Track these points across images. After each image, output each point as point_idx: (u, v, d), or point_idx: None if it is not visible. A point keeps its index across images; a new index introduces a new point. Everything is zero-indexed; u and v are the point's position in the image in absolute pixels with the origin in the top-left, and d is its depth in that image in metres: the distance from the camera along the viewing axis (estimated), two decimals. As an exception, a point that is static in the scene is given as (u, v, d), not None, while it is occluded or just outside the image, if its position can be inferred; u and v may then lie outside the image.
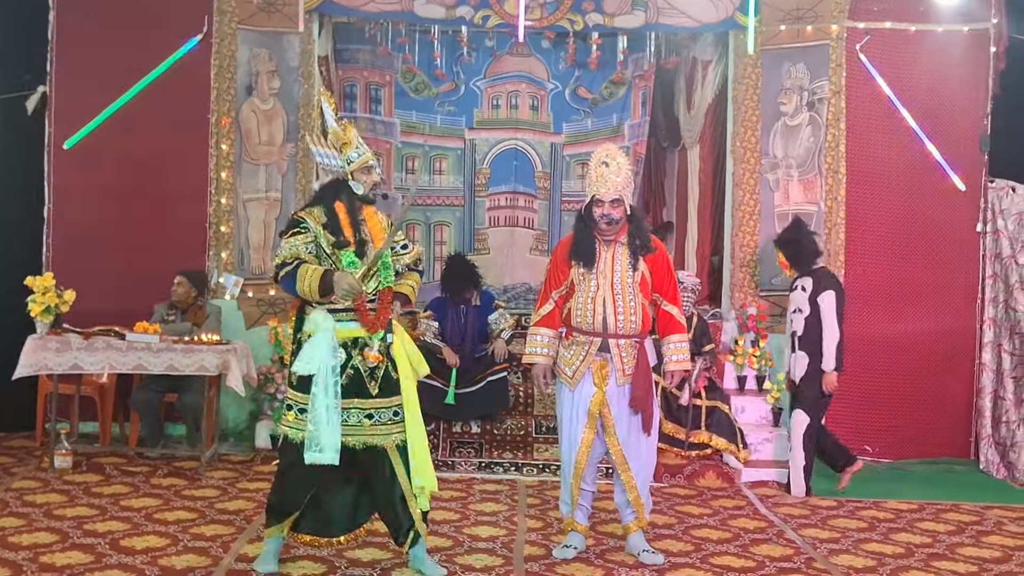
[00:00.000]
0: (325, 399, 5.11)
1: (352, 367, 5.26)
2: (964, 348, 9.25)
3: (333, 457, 5.11)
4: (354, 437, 5.25)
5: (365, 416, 5.29)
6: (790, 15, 9.36)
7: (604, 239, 5.91)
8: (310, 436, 5.12)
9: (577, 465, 5.94)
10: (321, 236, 5.25)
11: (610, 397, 5.87)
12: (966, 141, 9.24)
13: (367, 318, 5.26)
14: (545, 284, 6.14)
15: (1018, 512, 7.73)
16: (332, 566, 5.57)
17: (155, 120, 9.04)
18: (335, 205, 5.34)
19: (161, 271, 8.72)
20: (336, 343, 5.20)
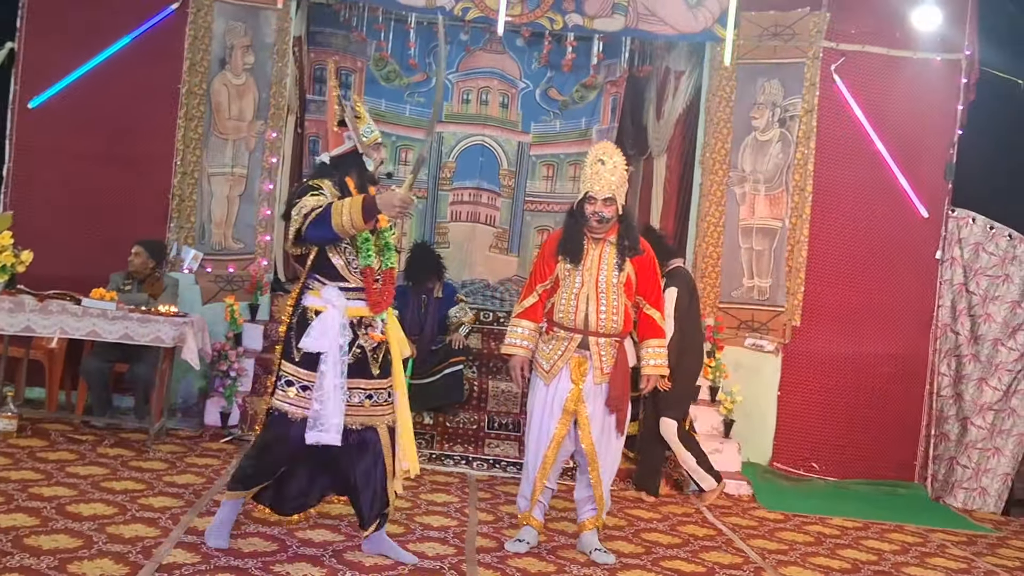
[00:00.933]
0: (334, 377, 5.03)
1: (359, 347, 5.19)
2: (916, 372, 9.35)
3: (335, 438, 5.03)
4: (353, 417, 5.18)
5: (366, 396, 5.23)
6: (768, 31, 9.43)
7: (593, 237, 5.89)
8: (314, 415, 5.03)
9: (545, 460, 5.91)
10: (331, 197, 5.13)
11: (586, 394, 5.84)
12: (931, 169, 9.36)
13: (375, 297, 5.19)
14: (531, 276, 6.11)
15: (959, 536, 7.84)
16: (283, 545, 5.50)
17: (124, 86, 8.93)
18: (346, 179, 5.26)
19: (120, 239, 8.59)
20: (345, 321, 5.12)
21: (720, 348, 9.23)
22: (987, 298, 9.18)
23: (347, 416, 5.12)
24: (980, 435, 9.09)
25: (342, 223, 4.90)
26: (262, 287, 9.23)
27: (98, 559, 4.91)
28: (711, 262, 9.51)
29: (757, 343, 9.37)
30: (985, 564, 7.00)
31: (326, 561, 5.31)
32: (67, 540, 5.14)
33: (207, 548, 5.26)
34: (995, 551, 7.49)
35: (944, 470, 9.19)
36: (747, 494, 8.34)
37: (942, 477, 9.19)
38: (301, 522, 5.69)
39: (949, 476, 9.14)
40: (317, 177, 5.28)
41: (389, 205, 4.93)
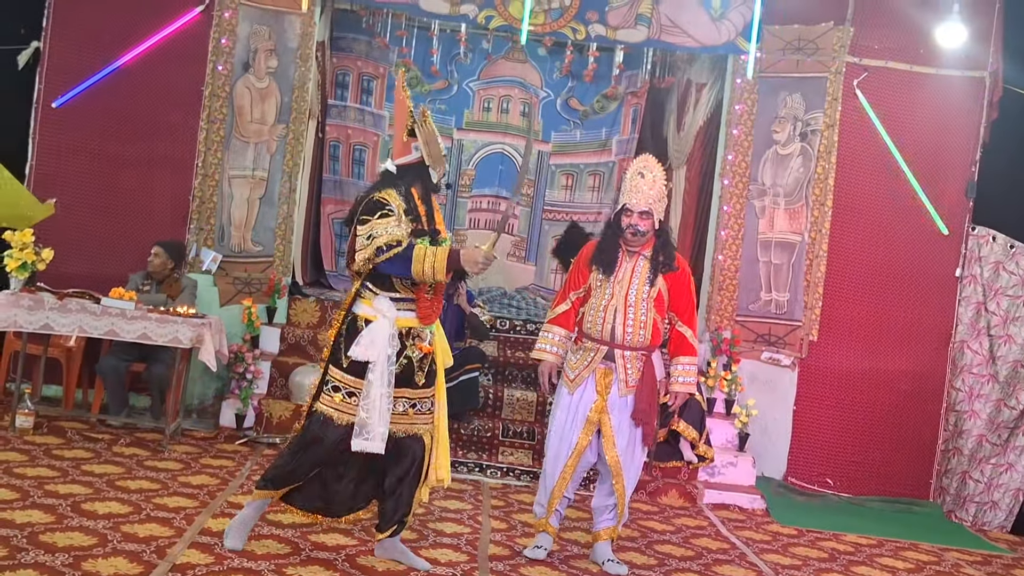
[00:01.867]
0: (381, 387, 5.04)
1: (406, 356, 5.18)
2: (933, 390, 9.30)
3: (380, 447, 5.04)
4: (398, 426, 5.17)
5: (410, 405, 5.23)
6: (791, 45, 9.41)
7: (628, 249, 5.88)
8: (360, 423, 5.04)
9: (565, 470, 5.90)
10: (402, 221, 5.11)
11: (611, 406, 5.83)
12: (953, 186, 9.32)
13: (425, 309, 5.18)
14: (565, 284, 6.13)
15: (973, 556, 7.79)
16: (296, 548, 5.50)
17: (148, 87, 8.97)
18: (411, 190, 5.24)
19: (140, 240, 8.69)
20: (395, 331, 5.11)
21: (736, 361, 9.20)
22: (1008, 319, 9.11)
23: (391, 424, 5.11)
24: (993, 451, 9.04)
25: (422, 271, 4.99)
26: (280, 290, 9.25)
27: (112, 557, 4.93)
28: (729, 275, 9.48)
29: (774, 357, 9.34)
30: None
31: (339, 565, 5.31)
32: (82, 538, 5.16)
33: (221, 549, 5.27)
34: (1010, 572, 7.44)
35: (956, 484, 9.13)
36: (761, 508, 8.31)
37: (954, 491, 9.13)
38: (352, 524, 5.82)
39: (961, 490, 9.09)
40: (383, 187, 5.22)
41: (472, 263, 5.04)
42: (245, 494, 6.49)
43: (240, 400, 8.37)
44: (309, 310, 9.54)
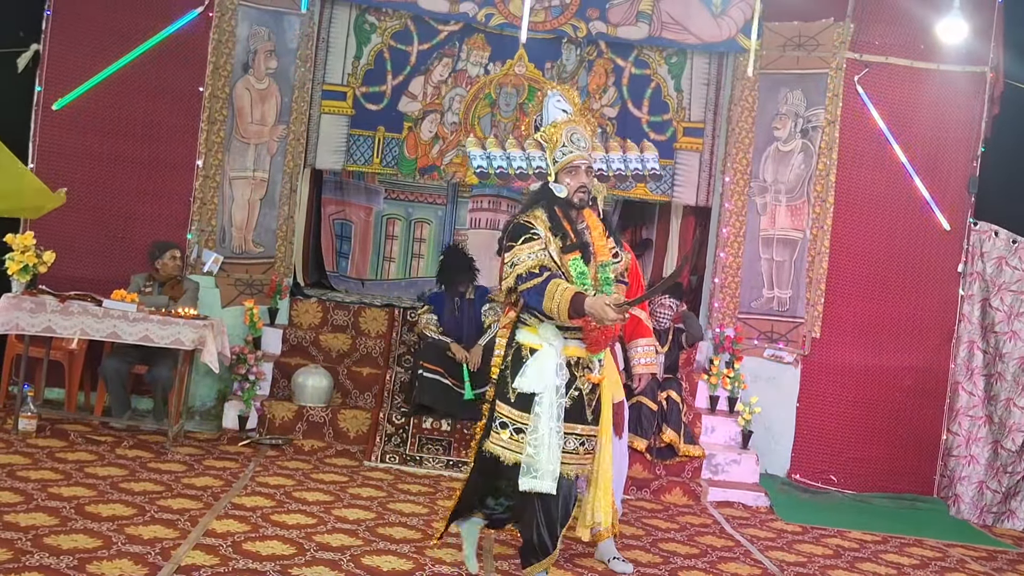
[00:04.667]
0: (549, 421, 4.75)
1: (576, 388, 4.90)
2: (936, 386, 9.28)
3: (550, 486, 4.75)
4: (568, 466, 4.87)
5: (579, 443, 4.91)
6: (791, 41, 9.40)
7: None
8: (527, 461, 4.76)
9: None
10: (550, 241, 4.87)
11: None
12: (954, 181, 9.30)
13: (591, 336, 4.86)
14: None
15: (979, 552, 7.77)
16: (301, 548, 5.50)
17: (148, 89, 8.95)
18: (555, 207, 4.98)
19: (141, 241, 8.71)
20: (562, 361, 4.84)
21: (739, 359, 9.19)
22: (1012, 314, 9.06)
23: (562, 464, 4.83)
24: (1009, 458, 8.96)
25: (551, 308, 4.70)
26: (281, 291, 9.25)
27: (117, 559, 4.92)
28: (731, 272, 9.47)
29: (776, 354, 9.33)
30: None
31: (344, 565, 5.30)
32: (86, 540, 5.15)
33: (226, 550, 5.26)
34: (1015, 567, 7.42)
35: (973, 493, 9.05)
36: (765, 506, 8.30)
37: (970, 500, 9.03)
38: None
39: (978, 500, 9.00)
40: (529, 207, 5.04)
41: (599, 315, 4.62)
42: (249, 495, 6.50)
43: (243, 402, 8.35)
44: (311, 311, 9.54)
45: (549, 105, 5.11)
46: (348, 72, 9.91)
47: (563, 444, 4.80)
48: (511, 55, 10.06)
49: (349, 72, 9.91)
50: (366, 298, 9.97)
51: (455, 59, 10.07)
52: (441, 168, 10.06)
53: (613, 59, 10.15)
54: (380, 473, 7.76)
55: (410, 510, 6.70)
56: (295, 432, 8.40)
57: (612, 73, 10.20)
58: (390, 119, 10.02)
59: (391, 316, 9.60)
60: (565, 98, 5.11)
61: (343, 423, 8.47)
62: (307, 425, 8.43)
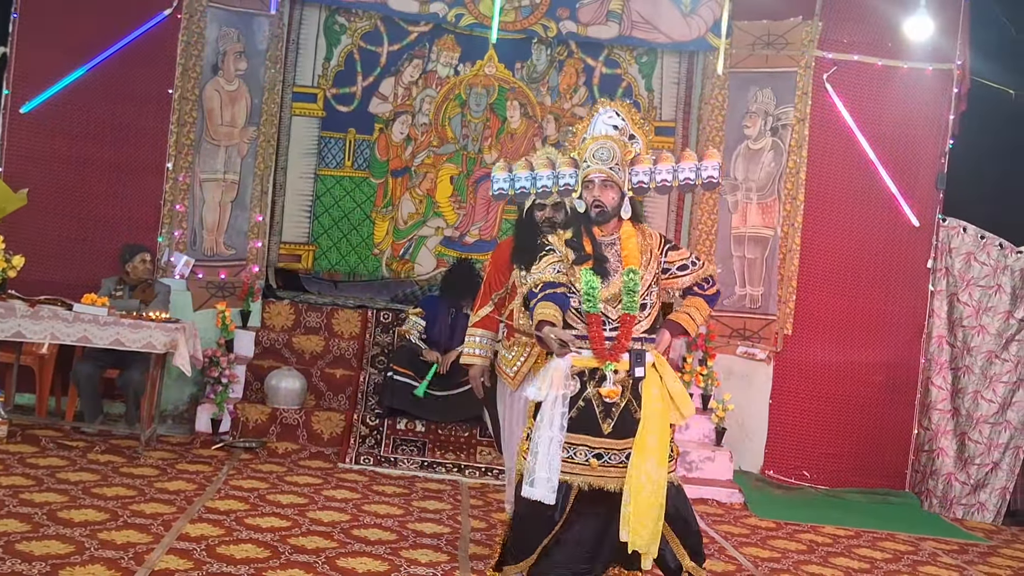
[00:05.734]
0: (549, 431, 4.65)
1: (584, 399, 4.78)
2: (907, 381, 9.34)
3: (546, 495, 4.63)
4: (580, 477, 4.72)
5: (593, 456, 4.77)
6: (760, 40, 9.45)
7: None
8: (527, 469, 4.70)
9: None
10: (567, 255, 4.84)
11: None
12: (923, 178, 9.37)
13: (598, 346, 4.74)
14: (484, 285, 6.10)
15: (950, 545, 7.84)
16: (276, 552, 5.48)
17: (117, 91, 8.89)
18: (579, 222, 4.94)
19: (111, 245, 8.66)
20: (570, 371, 4.73)
21: (712, 356, 9.23)
22: (980, 309, 9.16)
23: (570, 475, 4.72)
24: (977, 450, 9.05)
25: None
26: (254, 293, 9.22)
27: (90, 565, 4.89)
28: (703, 270, 9.49)
29: (749, 351, 9.38)
30: (977, 573, 7.01)
31: (319, 567, 5.29)
32: (59, 546, 5.11)
33: (200, 554, 5.24)
34: (986, 560, 7.49)
35: (943, 486, 9.12)
36: (739, 502, 8.33)
37: (940, 493, 9.10)
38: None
39: (948, 492, 9.08)
40: (566, 225, 5.03)
41: (546, 341, 4.62)
42: (222, 499, 6.47)
43: (215, 405, 8.32)
44: (283, 313, 9.52)
45: (598, 121, 5.07)
46: (318, 74, 9.91)
47: (571, 455, 4.72)
48: (481, 56, 10.08)
49: (319, 74, 9.91)
50: (339, 300, 9.95)
51: (425, 60, 10.08)
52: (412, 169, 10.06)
53: (583, 59, 10.19)
54: (354, 475, 7.74)
55: (385, 511, 6.70)
56: (269, 435, 8.38)
57: (583, 73, 10.25)
58: (361, 121, 10.02)
59: (364, 318, 9.59)
60: (620, 113, 5.05)
61: (317, 425, 8.45)
62: (281, 427, 8.41)
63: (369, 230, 10.11)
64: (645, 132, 5.04)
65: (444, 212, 10.26)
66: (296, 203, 9.97)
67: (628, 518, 4.60)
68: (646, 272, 4.79)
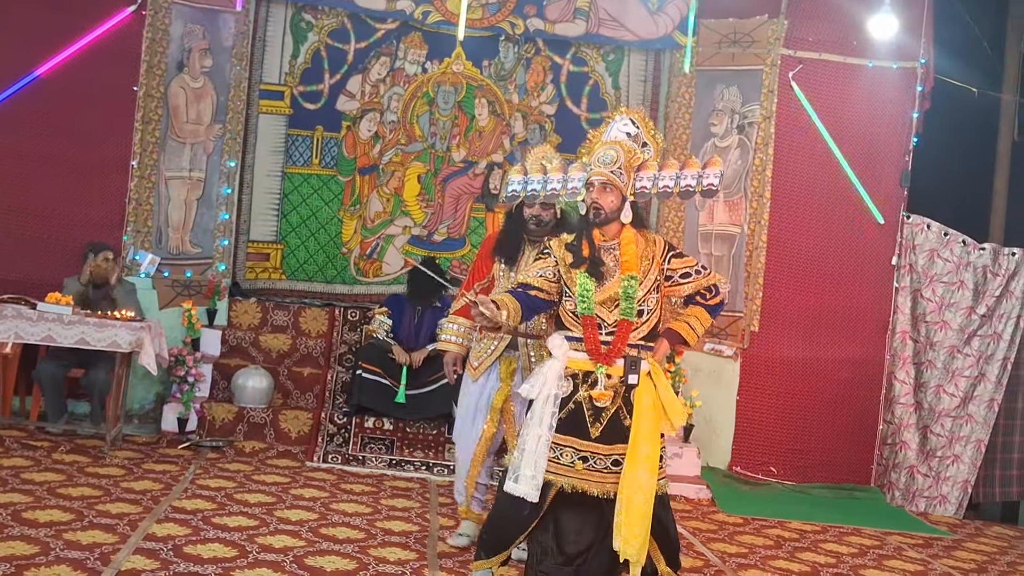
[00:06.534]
0: (538, 429, 4.67)
1: (575, 402, 4.76)
2: (872, 377, 9.42)
3: (528, 492, 4.64)
4: (563, 478, 4.70)
5: (579, 458, 4.73)
6: (727, 38, 9.49)
7: (531, 239, 5.90)
8: (512, 465, 4.72)
9: (475, 458, 5.96)
10: (564, 258, 4.82)
11: (514, 394, 5.87)
12: (888, 176, 9.45)
13: (592, 347, 4.70)
14: (469, 275, 6.18)
15: (915, 539, 7.91)
16: (243, 551, 5.45)
17: (80, 89, 8.80)
18: (581, 226, 4.91)
19: (76, 243, 8.58)
20: (562, 372, 4.73)
21: (680, 353, 9.25)
22: (943, 305, 9.27)
23: (555, 475, 4.70)
24: (939, 443, 9.16)
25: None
26: (220, 292, 9.17)
27: (55, 566, 4.85)
28: (670, 268, 9.52)
29: (716, 348, 9.42)
30: (941, 566, 7.07)
31: (287, 566, 5.27)
32: (23, 547, 5.06)
33: (167, 554, 5.20)
34: (951, 553, 7.56)
35: (905, 479, 9.22)
36: (706, 498, 8.38)
37: (903, 486, 9.21)
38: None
39: (910, 485, 9.19)
40: (571, 228, 5.03)
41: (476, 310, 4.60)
42: (189, 498, 6.43)
43: (182, 404, 8.27)
44: (250, 311, 9.47)
45: (613, 127, 5.06)
46: (285, 71, 9.86)
47: (557, 456, 4.71)
48: (448, 53, 10.07)
49: (286, 71, 9.86)
50: (306, 298, 9.91)
51: (393, 57, 10.05)
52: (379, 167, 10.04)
53: (551, 56, 10.20)
54: (322, 473, 7.72)
55: (353, 510, 6.68)
56: (236, 434, 8.34)
57: (550, 71, 10.25)
58: (328, 118, 9.99)
59: (332, 316, 9.55)
60: (636, 120, 5.01)
61: (284, 424, 8.42)
62: (248, 426, 8.38)
63: (337, 229, 10.07)
64: (657, 141, 5.05)
65: (412, 211, 10.23)
66: (264, 201, 9.91)
67: (620, 527, 4.60)
68: (645, 278, 4.77)
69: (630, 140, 4.93)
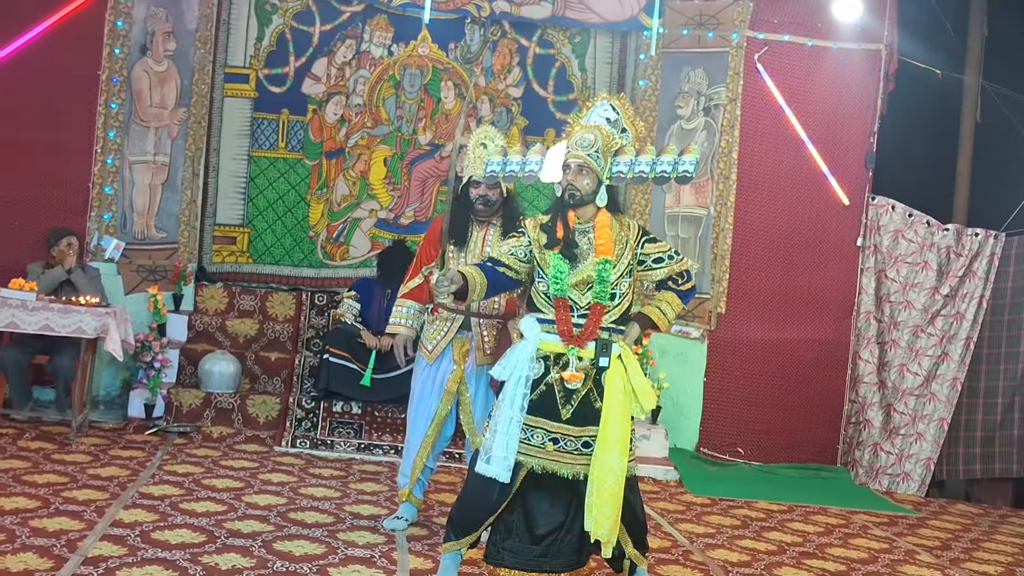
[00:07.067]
0: (509, 410, 4.68)
1: (546, 383, 4.76)
2: (838, 358, 9.51)
3: (499, 473, 4.65)
4: (534, 459, 4.71)
5: (549, 439, 4.74)
6: (692, 20, 9.51)
7: (478, 219, 5.92)
8: (483, 446, 4.73)
9: (426, 439, 5.97)
10: (538, 238, 4.83)
11: (468, 375, 5.92)
12: (853, 157, 9.51)
13: (564, 329, 4.72)
14: (416, 258, 6.18)
15: (880, 517, 8.00)
16: (212, 536, 5.43)
17: (43, 73, 8.70)
18: (556, 206, 4.91)
19: (37, 229, 8.49)
20: (534, 354, 4.74)
21: (647, 335, 9.28)
22: (907, 285, 9.37)
23: (526, 456, 4.71)
24: (903, 421, 9.28)
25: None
26: (186, 277, 9.11)
27: (22, 553, 4.81)
28: (637, 250, 9.55)
29: (683, 330, 9.46)
30: (906, 543, 7.15)
31: (255, 551, 5.26)
32: (-12, 535, 5.04)
33: (134, 540, 5.18)
34: (915, 531, 7.65)
35: (869, 456, 9.35)
36: (674, 479, 8.43)
37: (867, 463, 9.34)
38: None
39: (874, 462, 9.31)
40: (548, 209, 5.01)
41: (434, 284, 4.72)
42: (157, 484, 6.41)
43: (148, 390, 8.23)
44: (217, 296, 9.42)
45: (593, 112, 5.06)
46: (250, 54, 9.79)
47: (528, 437, 4.72)
48: (414, 36, 10.02)
49: (251, 54, 9.79)
50: (273, 281, 9.87)
51: (358, 40, 10.00)
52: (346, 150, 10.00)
53: (517, 39, 10.18)
54: (291, 458, 7.71)
55: (322, 494, 6.67)
56: (203, 419, 8.31)
57: (516, 53, 10.23)
58: (294, 102, 9.93)
59: (299, 300, 9.52)
60: (615, 107, 5.02)
61: (252, 409, 8.39)
62: (215, 412, 8.35)
63: (304, 212, 10.02)
64: (636, 127, 5.07)
65: (378, 194, 10.19)
66: (230, 185, 9.85)
67: (591, 508, 4.64)
68: (618, 262, 4.79)
69: (609, 125, 4.95)
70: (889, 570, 6.36)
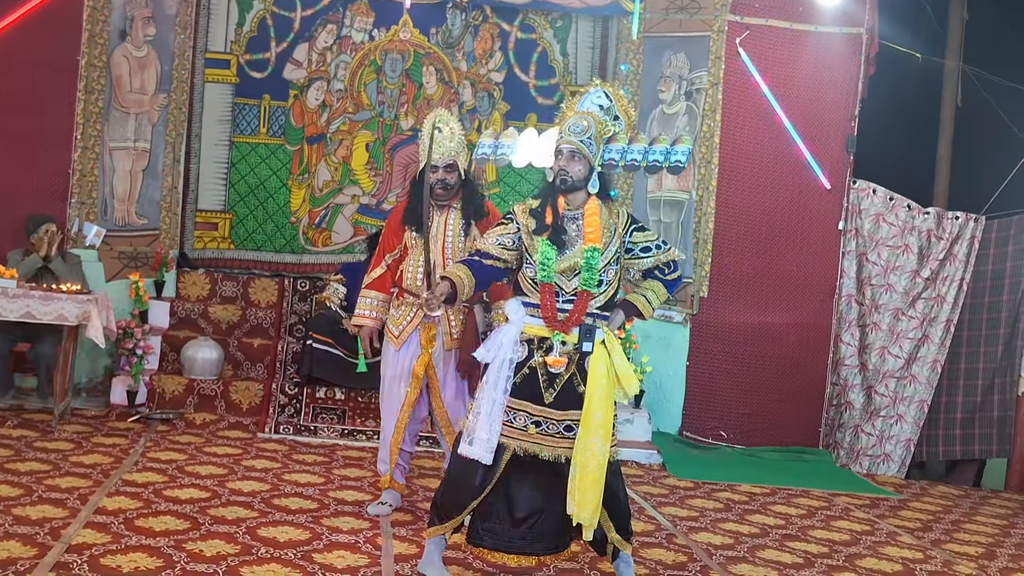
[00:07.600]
0: (492, 392, 4.70)
1: (529, 367, 4.77)
2: (820, 341, 9.55)
3: (481, 455, 4.68)
4: (516, 441, 4.74)
5: (532, 423, 4.77)
6: (674, 4, 9.50)
7: (438, 204, 5.93)
8: (467, 428, 4.76)
9: (399, 424, 5.99)
10: (527, 224, 4.83)
11: (436, 360, 5.93)
12: (834, 141, 9.53)
13: (549, 315, 4.72)
14: (378, 248, 6.17)
15: (862, 499, 8.04)
16: (196, 523, 5.43)
17: (21, 59, 8.68)
18: (546, 192, 4.90)
19: (17, 216, 8.42)
20: (519, 336, 4.75)
21: (629, 320, 9.27)
22: (888, 268, 9.42)
23: (508, 438, 4.73)
24: (883, 403, 9.34)
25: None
26: (167, 263, 9.09)
27: (4, 541, 4.80)
28: (620, 235, 9.57)
29: (666, 314, 9.47)
30: (887, 525, 7.20)
31: (240, 538, 5.26)
32: (-29, 523, 5.03)
33: (118, 527, 5.18)
34: (896, 513, 7.70)
35: (849, 438, 9.43)
36: (657, 463, 8.46)
37: (848, 445, 9.42)
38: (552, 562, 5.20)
39: (855, 444, 9.39)
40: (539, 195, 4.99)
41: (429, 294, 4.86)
42: (140, 471, 6.40)
43: (131, 377, 8.20)
44: (199, 283, 9.39)
45: (586, 99, 5.06)
46: (231, 39, 9.75)
47: (511, 419, 4.75)
48: (395, 21, 10.00)
49: (232, 39, 9.75)
50: (255, 267, 9.85)
51: (339, 25, 9.96)
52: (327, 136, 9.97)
53: (499, 24, 10.16)
54: (274, 444, 7.70)
55: (306, 480, 6.67)
56: (186, 406, 8.29)
57: (498, 38, 10.21)
58: (275, 87, 9.89)
59: (281, 286, 9.51)
60: (609, 94, 5.01)
61: (235, 395, 8.38)
62: (198, 398, 8.33)
63: (285, 198, 9.99)
64: (629, 115, 5.07)
65: (360, 179, 10.17)
66: (211, 171, 9.82)
67: (574, 492, 4.66)
68: (606, 250, 4.80)
69: (602, 112, 4.96)
70: (871, 552, 6.40)
